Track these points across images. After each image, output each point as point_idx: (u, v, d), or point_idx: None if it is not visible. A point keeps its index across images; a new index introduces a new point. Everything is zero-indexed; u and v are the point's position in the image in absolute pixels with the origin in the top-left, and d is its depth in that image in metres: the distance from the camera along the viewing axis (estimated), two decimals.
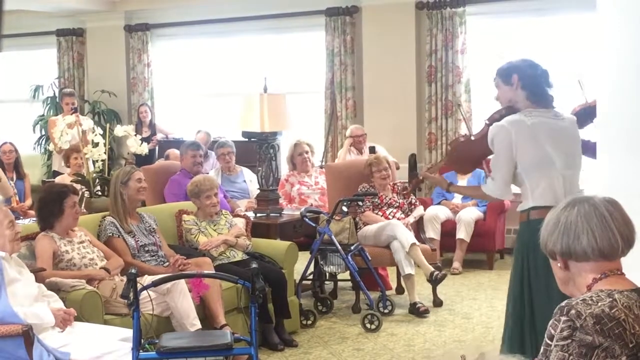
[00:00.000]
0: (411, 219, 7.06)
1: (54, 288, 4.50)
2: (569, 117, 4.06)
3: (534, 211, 3.87)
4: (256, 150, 6.75)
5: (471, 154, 4.15)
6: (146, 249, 5.45)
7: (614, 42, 3.61)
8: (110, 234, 5.34)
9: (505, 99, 4.05)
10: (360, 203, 6.87)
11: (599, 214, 2.26)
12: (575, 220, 2.27)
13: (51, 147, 9.32)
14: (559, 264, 2.34)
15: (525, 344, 3.97)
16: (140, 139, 6.72)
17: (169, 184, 7.12)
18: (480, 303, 6.86)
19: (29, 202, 8.84)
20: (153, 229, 5.59)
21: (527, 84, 3.97)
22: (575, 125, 4.04)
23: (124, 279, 4.43)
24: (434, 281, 6.59)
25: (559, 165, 3.89)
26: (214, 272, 5.28)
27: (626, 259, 2.31)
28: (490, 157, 4.05)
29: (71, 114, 8.24)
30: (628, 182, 3.47)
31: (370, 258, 6.54)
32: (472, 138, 4.17)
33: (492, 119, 4.05)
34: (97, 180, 6.24)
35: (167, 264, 5.45)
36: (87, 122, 6.72)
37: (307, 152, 7.77)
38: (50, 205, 4.94)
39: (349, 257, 6.34)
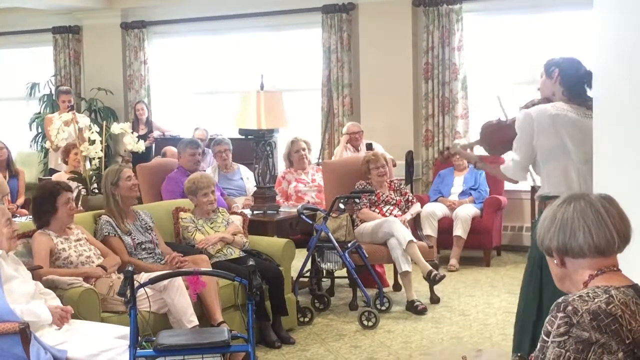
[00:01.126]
0: (408, 216, 7.06)
1: (51, 286, 4.50)
2: None
3: (549, 201, 3.92)
4: (253, 147, 6.74)
5: (502, 138, 4.26)
6: (143, 246, 5.45)
7: (611, 39, 3.61)
8: (107, 233, 5.33)
9: (545, 91, 4.21)
10: (357, 200, 6.87)
11: (595, 211, 2.26)
12: (572, 217, 2.27)
13: (48, 144, 9.32)
14: (555, 261, 2.34)
15: (535, 340, 3.98)
16: (137, 137, 6.71)
17: (166, 181, 7.11)
18: (477, 300, 6.87)
19: (21, 200, 8.82)
20: (149, 226, 5.59)
21: (566, 81, 4.11)
22: None
23: (121, 276, 4.43)
24: (432, 281, 6.59)
25: (575, 158, 4.03)
26: (211, 269, 5.28)
27: (622, 255, 2.32)
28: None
29: (68, 112, 8.24)
30: (624, 178, 3.47)
31: (367, 255, 6.55)
32: (506, 122, 4.30)
33: (525, 107, 4.22)
34: (94, 178, 6.23)
35: (164, 261, 5.45)
36: (84, 120, 6.72)
37: (303, 150, 7.76)
38: (44, 203, 4.93)
39: (346, 255, 6.34)
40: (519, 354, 2.38)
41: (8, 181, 8.77)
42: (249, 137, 6.73)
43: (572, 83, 4.11)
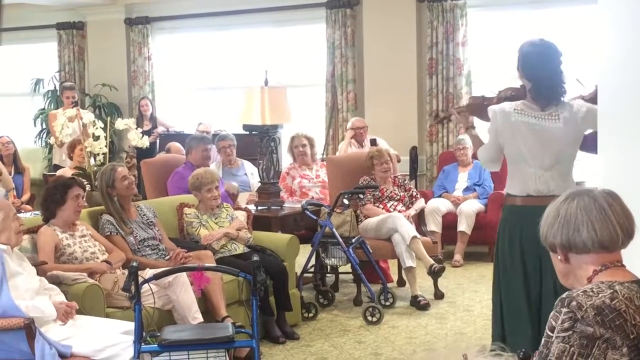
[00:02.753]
0: (412, 211, 7.06)
1: (56, 281, 4.50)
2: (572, 113, 4.02)
3: (509, 197, 4.14)
4: (257, 143, 6.75)
5: (484, 111, 4.27)
6: (146, 243, 5.45)
7: (615, 35, 3.60)
8: (109, 233, 5.33)
9: (522, 81, 4.14)
10: (361, 196, 6.88)
11: (599, 206, 2.26)
12: (575, 213, 2.27)
13: (52, 140, 9.33)
14: (559, 257, 2.34)
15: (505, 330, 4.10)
16: (141, 132, 6.72)
17: (173, 176, 7.10)
18: (482, 295, 6.86)
19: (26, 196, 8.83)
20: (152, 222, 5.59)
21: (531, 78, 4.03)
22: (574, 124, 4.01)
23: (126, 272, 4.44)
24: (433, 274, 6.59)
25: (533, 166, 4.01)
26: (215, 265, 5.28)
27: (626, 251, 2.32)
28: None
29: (72, 108, 8.24)
30: (628, 174, 3.46)
31: (371, 251, 6.55)
32: (491, 98, 4.32)
33: (499, 95, 4.24)
34: (98, 174, 6.23)
35: (168, 257, 5.45)
36: (88, 116, 6.72)
37: (304, 146, 7.76)
38: (54, 193, 4.96)
39: (350, 250, 6.34)
40: (522, 350, 2.38)
41: (13, 177, 8.79)
42: (253, 132, 6.73)
43: (538, 80, 4.01)
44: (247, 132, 6.82)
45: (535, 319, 3.95)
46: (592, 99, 4.15)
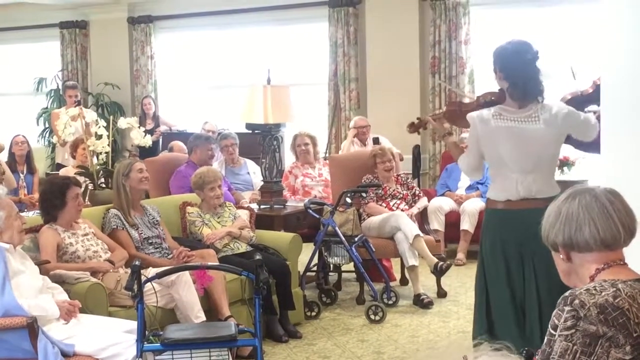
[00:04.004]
0: (415, 210, 7.06)
1: (58, 280, 4.50)
2: (552, 115, 3.97)
3: (489, 201, 4.15)
4: (260, 142, 6.75)
5: (462, 116, 4.23)
6: (150, 241, 5.46)
7: (619, 34, 3.60)
8: (115, 227, 5.35)
9: (500, 84, 4.12)
10: (364, 194, 6.87)
11: (600, 204, 2.26)
12: (577, 211, 2.27)
13: (55, 139, 9.33)
14: (561, 256, 2.33)
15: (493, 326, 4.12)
16: (144, 131, 6.72)
17: (175, 175, 7.11)
18: None
19: (36, 196, 8.83)
20: (156, 221, 5.60)
21: (508, 77, 4.01)
22: (555, 125, 3.97)
23: (128, 271, 4.43)
24: (438, 272, 6.59)
25: (514, 169, 4.00)
26: (217, 263, 5.28)
27: (628, 249, 2.31)
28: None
29: (74, 107, 8.25)
30: (631, 172, 3.46)
31: (374, 249, 6.55)
32: (466, 101, 4.37)
33: (478, 101, 4.21)
34: (101, 173, 6.24)
35: (171, 256, 5.46)
36: (91, 115, 6.72)
37: (306, 144, 7.76)
38: (53, 197, 4.94)
39: (353, 249, 6.34)
40: (525, 348, 2.38)
41: (25, 177, 8.80)
42: (256, 131, 6.73)
43: (516, 78, 3.99)
44: (250, 131, 6.82)
45: (520, 320, 3.98)
46: (590, 95, 4.14)
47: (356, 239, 6.45)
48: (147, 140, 6.60)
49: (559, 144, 4.06)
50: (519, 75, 3.97)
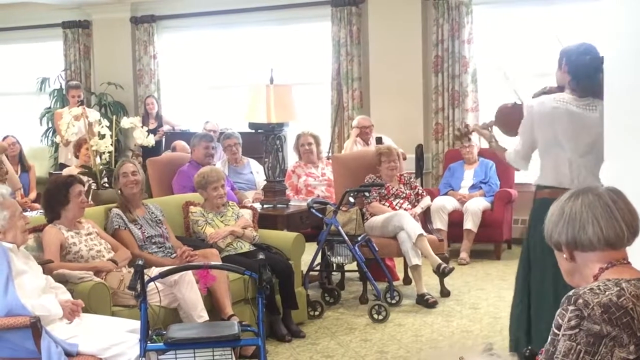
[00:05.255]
0: (418, 209, 7.06)
1: (62, 280, 4.51)
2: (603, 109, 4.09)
3: (539, 191, 4.21)
4: (262, 141, 6.74)
5: (517, 120, 4.33)
6: (153, 240, 5.46)
7: (621, 30, 3.59)
8: (117, 226, 5.35)
9: (559, 80, 4.28)
10: (367, 194, 6.87)
11: (603, 204, 2.26)
12: (580, 210, 2.26)
13: (58, 139, 9.34)
14: (564, 255, 2.33)
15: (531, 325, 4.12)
16: (147, 131, 6.72)
17: (178, 175, 7.11)
18: (488, 293, 6.86)
19: (33, 194, 8.84)
20: (159, 220, 5.60)
21: (572, 69, 4.16)
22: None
23: (132, 270, 4.44)
24: (442, 274, 6.58)
25: (569, 151, 4.10)
26: (221, 263, 5.28)
27: (630, 249, 2.31)
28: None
29: (77, 107, 8.25)
30: (634, 172, 3.45)
31: (377, 249, 6.54)
32: (521, 105, 4.38)
33: (535, 95, 4.34)
34: (104, 172, 6.24)
35: (174, 255, 5.46)
36: (94, 114, 6.72)
37: (309, 144, 7.75)
38: (56, 194, 4.96)
39: (356, 248, 6.34)
40: (529, 347, 2.38)
41: (19, 176, 8.80)
42: (259, 130, 6.72)
43: (578, 72, 4.13)
44: (253, 130, 6.82)
45: None
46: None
47: (359, 238, 6.44)
48: (150, 140, 6.60)
49: None
50: (582, 72, 4.13)
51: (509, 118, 4.43)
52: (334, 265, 6.95)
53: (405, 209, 6.92)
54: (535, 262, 4.16)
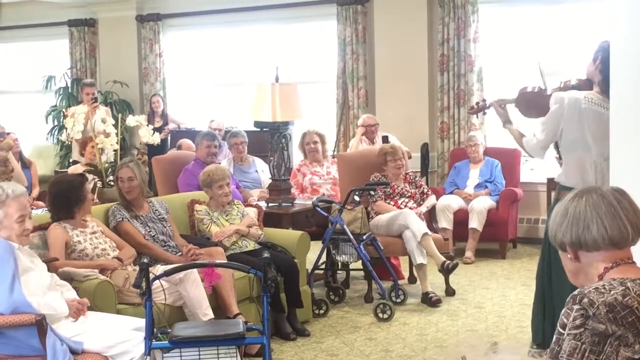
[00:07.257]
0: (423, 208, 7.05)
1: (67, 278, 4.50)
2: None
3: (562, 191, 4.21)
4: (268, 140, 6.74)
5: (538, 106, 4.37)
6: (157, 238, 5.45)
7: (625, 29, 3.58)
8: (120, 219, 5.35)
9: (587, 72, 4.31)
10: (372, 192, 6.87)
11: (608, 203, 2.25)
12: (584, 210, 2.26)
13: (63, 137, 9.34)
14: (569, 256, 2.32)
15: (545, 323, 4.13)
16: (153, 129, 6.73)
17: (183, 173, 7.12)
18: (493, 292, 6.85)
19: (35, 191, 8.80)
20: (163, 217, 5.60)
21: (604, 69, 4.13)
22: None
23: (137, 268, 4.44)
24: (446, 271, 6.58)
25: (595, 154, 4.13)
26: (226, 261, 5.29)
27: (634, 248, 2.30)
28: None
29: (91, 104, 8.29)
30: (637, 171, 3.45)
31: (382, 247, 6.54)
32: (546, 92, 4.41)
33: (564, 87, 4.37)
34: (109, 171, 6.25)
35: (179, 253, 5.46)
36: (100, 113, 6.74)
37: (315, 142, 7.75)
38: (74, 194, 4.89)
39: (361, 247, 6.34)
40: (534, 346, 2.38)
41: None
42: (264, 129, 6.73)
43: (609, 73, 4.09)
44: (258, 129, 6.82)
45: None
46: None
47: (364, 237, 6.44)
48: (156, 138, 6.61)
49: None
50: None
51: (533, 102, 4.44)
52: (339, 263, 6.95)
53: (410, 208, 6.92)
54: (555, 262, 4.13)
